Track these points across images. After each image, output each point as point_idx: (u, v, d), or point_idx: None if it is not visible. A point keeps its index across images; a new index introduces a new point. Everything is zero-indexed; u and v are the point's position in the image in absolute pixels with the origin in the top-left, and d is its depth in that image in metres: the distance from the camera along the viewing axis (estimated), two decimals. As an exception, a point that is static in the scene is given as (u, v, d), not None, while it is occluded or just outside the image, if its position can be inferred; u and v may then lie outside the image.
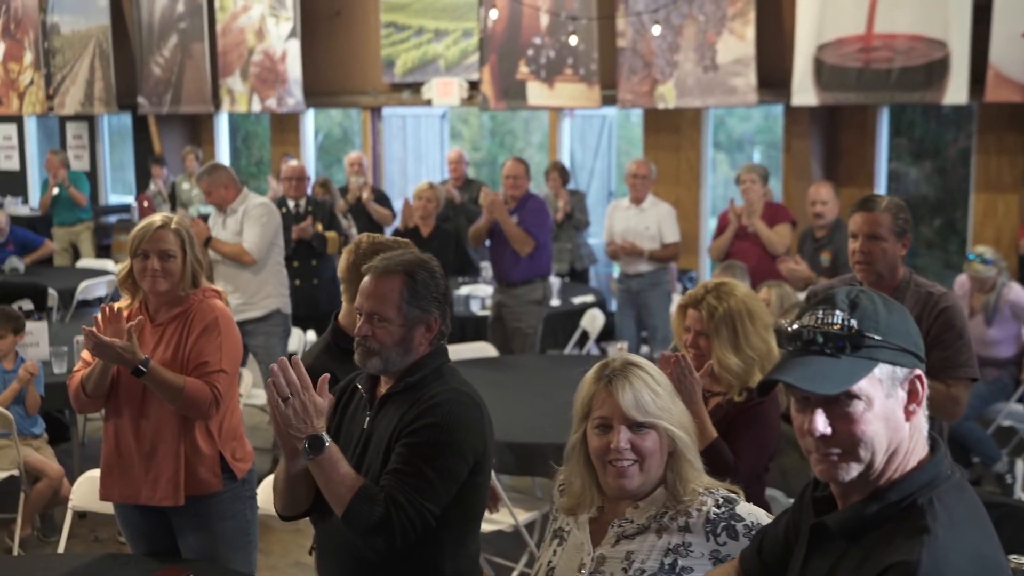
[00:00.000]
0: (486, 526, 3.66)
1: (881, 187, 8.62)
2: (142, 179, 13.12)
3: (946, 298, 3.59)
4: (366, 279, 2.64)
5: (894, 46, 7.70)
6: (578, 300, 7.59)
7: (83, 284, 8.47)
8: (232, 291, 6.14)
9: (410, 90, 10.71)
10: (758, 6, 8.34)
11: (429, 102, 10.53)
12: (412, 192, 7.55)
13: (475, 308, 7.19)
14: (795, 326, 1.77)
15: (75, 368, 3.55)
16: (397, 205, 8.77)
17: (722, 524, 2.22)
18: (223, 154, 12.84)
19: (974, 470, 5.98)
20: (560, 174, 8.94)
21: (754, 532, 2.19)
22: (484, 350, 6.31)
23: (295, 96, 11.19)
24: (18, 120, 14.37)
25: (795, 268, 6.34)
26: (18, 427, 5.07)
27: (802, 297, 5.85)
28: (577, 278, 8.78)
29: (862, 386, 1.70)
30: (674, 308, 7.21)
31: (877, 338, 1.71)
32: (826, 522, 1.79)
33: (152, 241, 3.41)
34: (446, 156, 9.51)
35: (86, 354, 3.44)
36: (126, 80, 12.61)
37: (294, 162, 8.23)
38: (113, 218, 13.07)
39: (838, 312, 1.73)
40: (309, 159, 11.97)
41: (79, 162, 13.57)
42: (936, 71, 7.54)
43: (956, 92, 7.49)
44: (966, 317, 3.74)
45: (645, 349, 7.73)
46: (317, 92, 11.26)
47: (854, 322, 1.72)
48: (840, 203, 6.57)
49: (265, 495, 3.70)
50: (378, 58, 10.85)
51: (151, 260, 3.40)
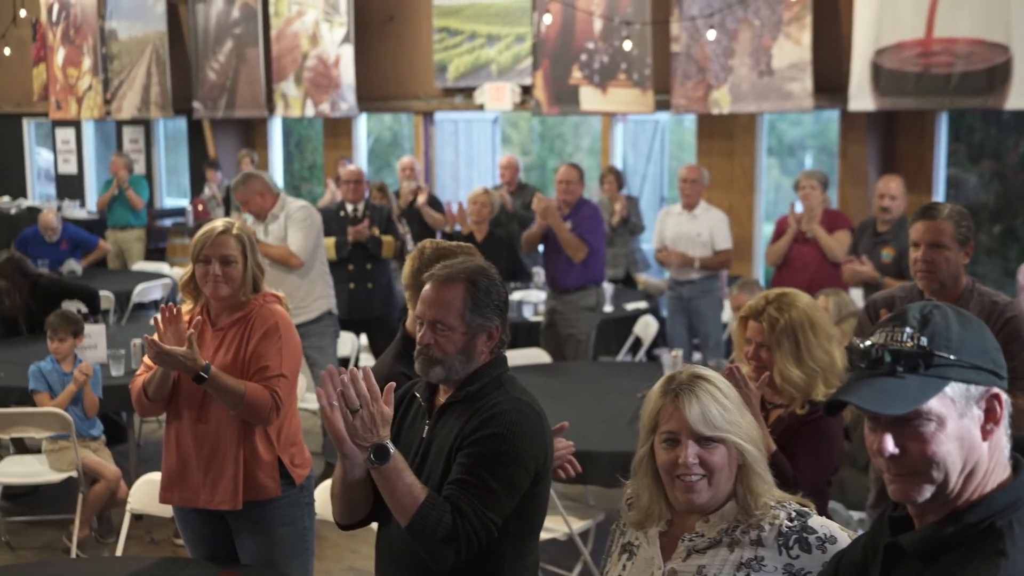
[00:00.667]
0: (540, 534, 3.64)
1: (939, 194, 8.47)
2: (197, 183, 13.28)
3: (1011, 307, 3.51)
4: (427, 287, 2.62)
5: (954, 50, 7.56)
6: (631, 306, 7.55)
7: (139, 287, 8.59)
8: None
9: (462, 95, 10.73)
10: (815, 10, 8.24)
11: (481, 107, 10.54)
12: (466, 197, 7.55)
13: (527, 314, 7.17)
14: (866, 343, 1.73)
15: (137, 372, 3.58)
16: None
17: (794, 537, 2.18)
18: (276, 158, 12.95)
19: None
20: (616, 178, 8.93)
21: (827, 544, 2.16)
22: (536, 356, 6.29)
23: (348, 101, 11.26)
24: (76, 124, 14.62)
25: (860, 269, 6.23)
26: (77, 429, 5.14)
27: (859, 300, 5.78)
28: (630, 283, 8.74)
29: (932, 405, 1.66)
30: (727, 316, 7.19)
31: (949, 356, 1.67)
32: (901, 542, 1.74)
33: (214, 246, 3.44)
34: (498, 161, 9.51)
35: (148, 359, 3.47)
36: (182, 85, 12.80)
37: (352, 166, 8.25)
38: (168, 222, 13.24)
39: (908, 329, 1.69)
40: (361, 163, 12.01)
41: (135, 166, 13.76)
42: (998, 75, 7.39)
43: (1019, 97, 7.33)
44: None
45: (697, 356, 7.67)
46: (370, 97, 11.32)
47: (924, 340, 1.68)
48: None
49: (320, 501, 3.72)
50: (430, 63, 10.88)
51: (213, 265, 3.43)
